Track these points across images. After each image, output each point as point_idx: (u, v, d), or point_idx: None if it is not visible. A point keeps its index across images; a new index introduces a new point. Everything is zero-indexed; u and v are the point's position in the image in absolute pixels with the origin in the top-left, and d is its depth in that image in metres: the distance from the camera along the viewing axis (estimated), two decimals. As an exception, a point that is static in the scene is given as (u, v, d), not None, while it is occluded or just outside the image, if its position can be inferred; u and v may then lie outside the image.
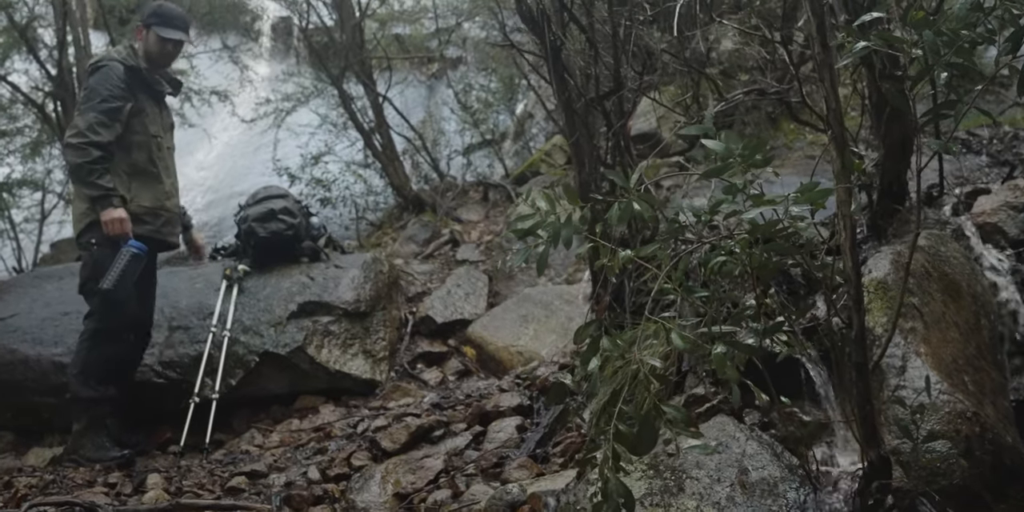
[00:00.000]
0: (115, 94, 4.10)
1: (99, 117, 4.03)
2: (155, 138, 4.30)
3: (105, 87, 4.09)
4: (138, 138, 4.21)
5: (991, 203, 3.84)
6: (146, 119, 4.25)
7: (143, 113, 4.24)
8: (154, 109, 4.35)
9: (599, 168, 4.10)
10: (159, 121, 4.37)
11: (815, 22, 1.81)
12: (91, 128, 4.01)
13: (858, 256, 1.95)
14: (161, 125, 4.39)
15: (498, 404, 3.79)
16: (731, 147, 1.67)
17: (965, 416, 2.30)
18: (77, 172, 4.05)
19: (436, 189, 9.12)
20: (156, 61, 4.35)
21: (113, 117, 4.08)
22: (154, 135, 4.29)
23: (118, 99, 4.10)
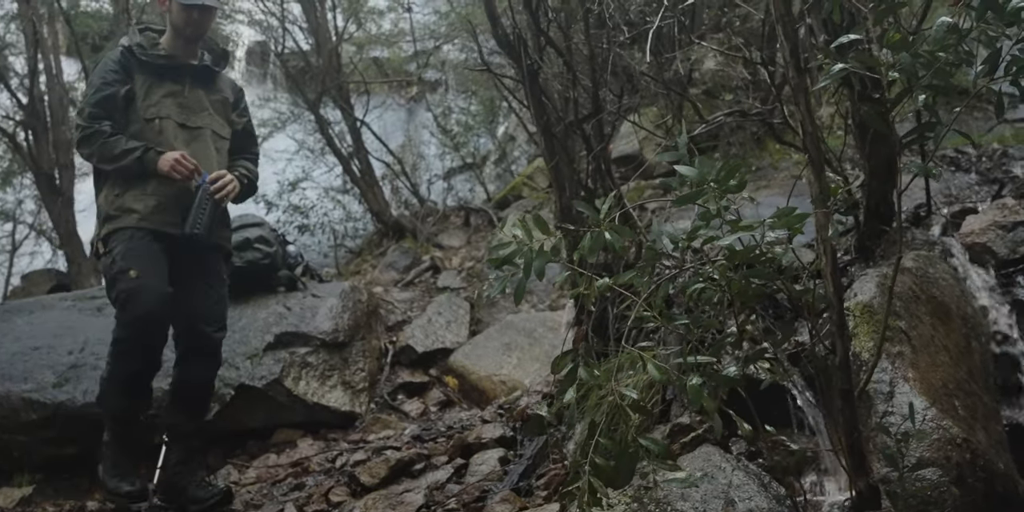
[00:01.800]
0: (107, 80, 3.77)
1: (92, 109, 3.71)
2: (153, 121, 3.77)
3: (99, 76, 3.82)
4: (133, 128, 3.76)
5: (979, 223, 3.86)
6: (142, 103, 3.78)
7: (140, 98, 3.78)
8: (164, 88, 3.83)
9: (580, 193, 4.11)
10: (174, 100, 3.83)
11: (789, 46, 1.83)
12: (88, 119, 3.70)
13: (840, 281, 1.95)
14: (179, 104, 3.84)
15: (480, 436, 3.77)
16: (704, 173, 1.67)
17: (955, 442, 2.30)
18: (100, 158, 3.70)
19: (416, 214, 9.13)
20: (184, 33, 3.87)
21: (107, 105, 3.73)
22: (150, 118, 3.77)
23: (110, 85, 3.77)
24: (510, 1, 3.67)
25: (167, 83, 3.84)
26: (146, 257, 3.63)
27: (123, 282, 3.56)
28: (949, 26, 1.88)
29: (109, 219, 3.72)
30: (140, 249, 3.64)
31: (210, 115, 3.92)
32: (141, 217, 3.67)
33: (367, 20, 10.98)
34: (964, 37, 1.87)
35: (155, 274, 3.61)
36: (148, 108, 3.78)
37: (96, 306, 5.39)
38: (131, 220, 3.68)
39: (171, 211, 3.71)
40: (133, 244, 3.65)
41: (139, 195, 3.70)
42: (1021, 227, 3.71)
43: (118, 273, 3.59)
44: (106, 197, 3.79)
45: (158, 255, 3.68)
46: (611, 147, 5.69)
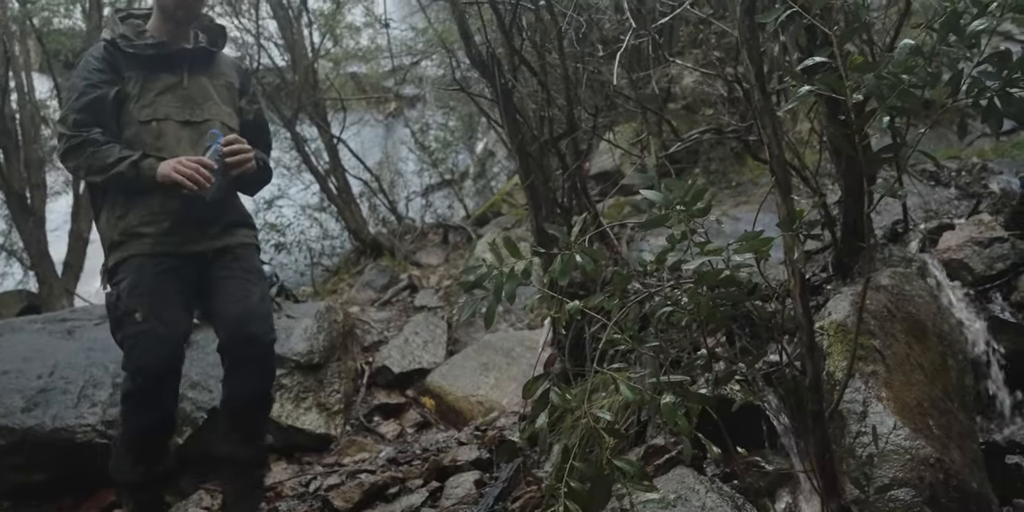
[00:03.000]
0: (92, 81, 3.28)
1: (77, 115, 3.24)
2: (150, 123, 3.30)
3: (81, 77, 3.32)
4: (127, 133, 3.30)
5: (956, 239, 3.91)
6: (135, 104, 3.31)
7: (132, 98, 3.32)
8: (160, 82, 3.36)
9: (556, 211, 4.14)
10: (173, 95, 3.37)
11: (753, 69, 1.87)
12: (73, 127, 3.24)
13: (808, 302, 1.98)
14: (180, 97, 3.37)
15: (455, 458, 3.77)
16: (670, 197, 1.70)
17: (928, 462, 2.33)
18: (90, 169, 3.24)
19: (394, 232, 9.15)
20: (175, 16, 3.38)
21: (95, 110, 3.26)
22: (147, 120, 3.30)
23: (96, 87, 3.27)
24: (483, 20, 3.70)
25: (162, 75, 3.36)
26: (157, 292, 3.17)
27: (128, 326, 3.13)
28: (912, 48, 1.93)
29: (115, 246, 3.28)
30: (150, 283, 3.18)
31: (216, 105, 3.44)
32: (156, 242, 3.23)
33: (344, 36, 11.02)
34: (929, 59, 1.92)
35: (166, 315, 3.15)
36: (143, 109, 3.30)
37: (67, 329, 5.36)
38: (144, 246, 3.23)
39: (189, 227, 3.28)
40: (143, 276, 3.19)
41: (147, 215, 3.24)
42: (997, 243, 3.76)
43: (123, 314, 3.16)
44: (107, 220, 3.33)
45: (173, 286, 3.23)
46: (587, 165, 5.74)
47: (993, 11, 1.78)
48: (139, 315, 3.12)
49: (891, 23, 3.70)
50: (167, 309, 3.18)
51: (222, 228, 3.40)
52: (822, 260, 4.36)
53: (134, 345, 3.14)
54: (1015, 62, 1.76)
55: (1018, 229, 3.79)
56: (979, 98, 1.80)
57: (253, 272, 3.44)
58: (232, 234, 3.44)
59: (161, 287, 3.20)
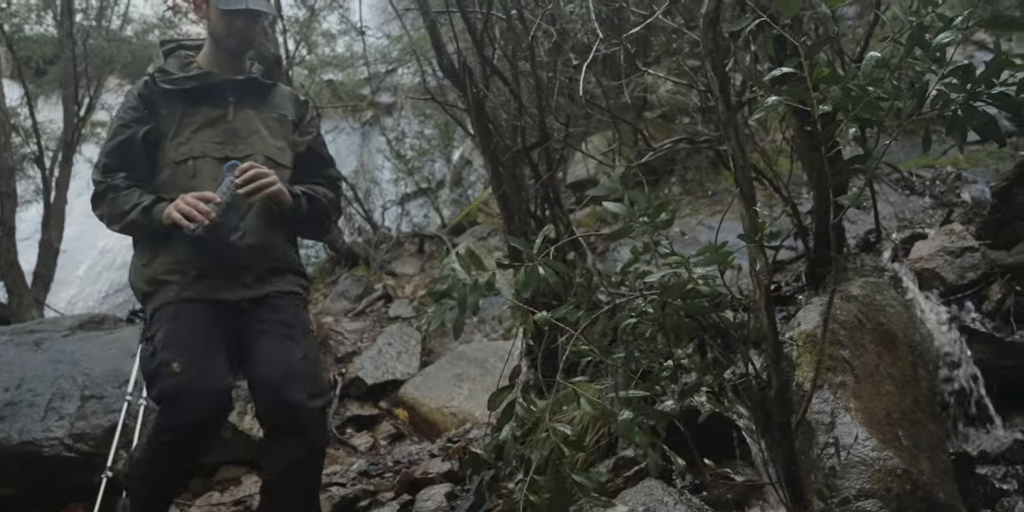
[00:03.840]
0: (125, 121, 3.08)
1: (106, 159, 3.08)
2: (186, 163, 3.04)
3: (117, 118, 3.16)
4: (162, 176, 3.06)
5: (928, 248, 3.94)
6: (171, 142, 3.06)
7: (168, 136, 3.07)
8: (200, 116, 3.09)
9: (529, 222, 4.15)
10: (214, 130, 3.09)
11: (717, 80, 1.88)
12: (102, 172, 3.07)
13: (774, 313, 1.99)
14: (222, 132, 3.09)
15: (427, 470, 3.76)
16: (633, 209, 1.71)
17: (896, 473, 2.35)
18: (110, 218, 3.05)
19: (369, 241, 9.13)
20: (227, 46, 3.13)
21: (124, 153, 3.06)
22: (182, 159, 3.04)
23: (127, 127, 3.07)
24: (454, 29, 3.71)
25: (204, 109, 3.10)
26: (193, 343, 2.85)
27: (164, 379, 2.78)
28: (878, 60, 1.95)
29: (147, 298, 3.02)
30: (185, 331, 2.87)
31: (262, 139, 3.12)
32: (182, 288, 2.94)
33: (320, 44, 11.01)
34: (893, 71, 1.94)
35: (206, 366, 2.81)
36: (179, 147, 3.05)
37: (34, 341, 5.31)
38: (171, 294, 2.94)
39: (220, 275, 2.97)
40: (177, 324, 2.88)
41: (171, 263, 2.97)
42: (969, 252, 3.80)
43: (158, 367, 2.81)
44: (135, 268, 3.08)
45: (211, 333, 2.90)
46: (560, 175, 5.75)
47: (958, 25, 1.80)
48: (176, 365, 2.77)
49: (862, 34, 3.75)
50: (207, 359, 2.84)
51: (258, 276, 3.04)
52: (795, 270, 4.39)
53: (172, 401, 2.77)
54: (979, 75, 1.78)
55: (989, 238, 3.83)
56: (944, 111, 1.82)
57: (295, 326, 3.05)
58: (273, 282, 3.07)
59: (199, 335, 2.87)
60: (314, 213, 3.14)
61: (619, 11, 4.34)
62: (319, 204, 3.16)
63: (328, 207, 3.23)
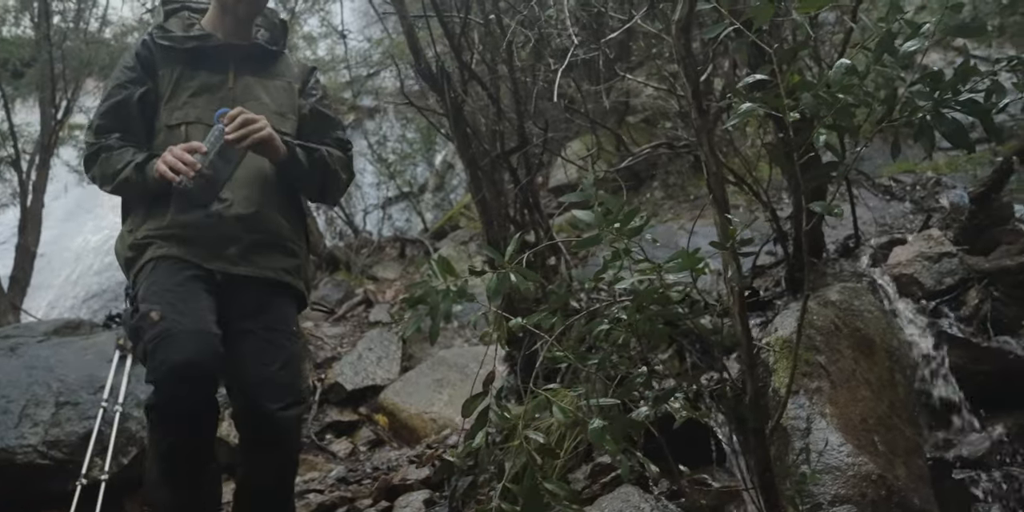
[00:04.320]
0: (120, 82, 2.91)
1: (100, 120, 2.90)
2: (178, 128, 2.85)
3: (113, 79, 2.97)
4: (157, 140, 2.88)
5: (906, 254, 3.98)
6: (165, 105, 2.89)
7: (164, 98, 2.90)
8: (197, 81, 2.91)
9: (509, 227, 4.16)
10: (212, 96, 2.90)
11: (690, 87, 1.89)
12: (95, 134, 2.90)
13: (747, 319, 2.01)
14: (220, 100, 2.89)
15: (405, 477, 3.76)
16: (603, 217, 1.72)
17: (871, 479, 2.37)
18: (102, 178, 2.87)
19: (351, 246, 9.13)
20: (236, 10, 2.93)
21: (119, 114, 2.88)
22: (175, 124, 2.86)
23: (123, 87, 2.89)
24: (432, 34, 3.72)
25: (202, 73, 2.92)
26: (174, 290, 2.67)
27: (146, 330, 2.58)
28: (848, 67, 1.96)
29: (129, 264, 2.84)
30: (165, 281, 2.69)
31: (261, 105, 2.89)
32: (160, 248, 2.77)
33: (301, 46, 11.00)
34: (863, 79, 1.96)
35: (188, 311, 2.62)
36: (173, 111, 2.88)
37: (9, 346, 5.28)
38: (149, 253, 2.77)
39: (199, 244, 2.77)
40: (155, 276, 2.71)
41: (155, 229, 2.79)
42: (946, 258, 3.83)
43: (139, 320, 2.62)
44: (121, 238, 2.91)
45: (193, 285, 2.70)
46: (540, 179, 5.77)
47: (925, 33, 1.82)
48: (155, 313, 2.58)
49: (840, 40, 3.77)
50: (190, 303, 2.64)
51: (241, 250, 2.81)
52: (775, 275, 4.42)
53: (155, 348, 2.55)
54: (946, 82, 1.80)
55: (967, 244, 3.87)
56: (912, 117, 1.84)
57: (280, 330, 2.84)
58: (255, 262, 2.82)
59: (181, 283, 2.69)
60: (315, 168, 2.89)
61: (599, 16, 4.36)
62: (321, 159, 2.89)
63: (334, 164, 2.94)
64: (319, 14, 11.22)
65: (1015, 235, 3.74)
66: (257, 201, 2.84)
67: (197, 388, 2.56)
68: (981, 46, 7.09)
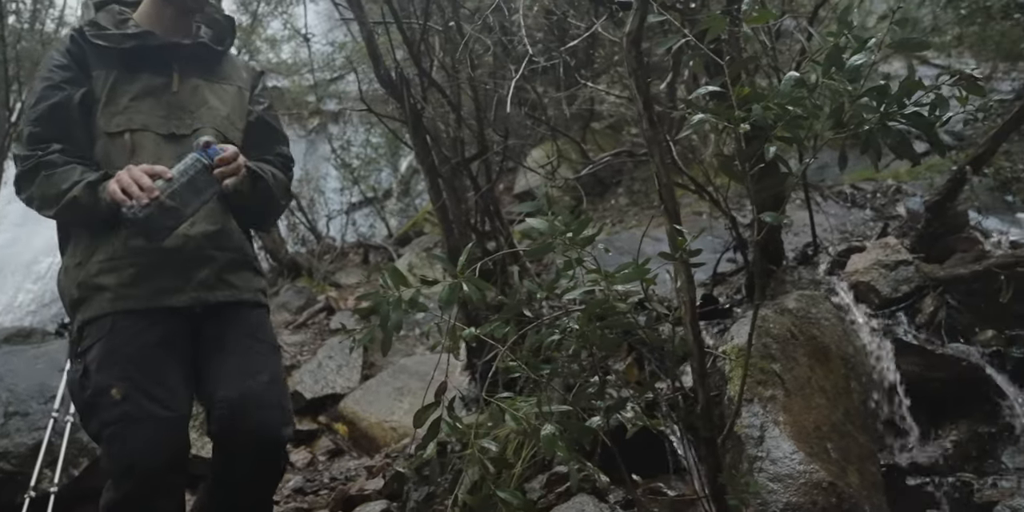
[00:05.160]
0: (53, 82, 2.51)
1: (31, 128, 2.49)
2: (121, 136, 2.50)
3: (40, 79, 2.58)
4: (96, 149, 2.52)
5: (864, 261, 4.05)
6: (103, 110, 2.52)
7: (101, 102, 2.53)
8: (138, 84, 2.56)
9: (470, 234, 4.19)
10: (156, 101, 2.57)
11: (641, 98, 1.93)
12: (29, 144, 2.48)
13: (699, 328, 2.04)
14: (165, 105, 2.57)
15: (363, 487, 3.76)
16: (555, 226, 1.75)
17: (822, 486, 2.41)
18: (42, 201, 2.44)
19: (313, 252, 9.10)
20: (182, 2, 2.62)
21: (56, 119, 2.49)
22: (116, 132, 2.50)
23: (58, 89, 2.50)
24: (390, 39, 3.74)
25: (143, 75, 2.57)
26: (139, 360, 2.33)
27: (105, 409, 2.28)
28: (796, 80, 2.01)
29: (76, 306, 2.46)
30: (128, 346, 2.34)
31: (211, 111, 2.63)
32: (116, 296, 2.39)
33: (263, 50, 10.96)
34: (812, 91, 2.00)
35: (157, 390, 2.30)
36: (113, 117, 2.52)
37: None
38: (103, 302, 2.39)
39: (164, 273, 2.43)
40: (115, 342, 2.34)
41: (106, 262, 2.42)
42: (903, 266, 3.91)
43: (95, 395, 2.30)
44: (65, 270, 2.52)
45: (161, 352, 2.38)
46: (500, 187, 5.80)
47: (871, 47, 1.87)
48: (116, 391, 2.27)
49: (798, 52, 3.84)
50: (159, 381, 2.33)
51: (216, 272, 2.52)
52: (735, 282, 4.48)
53: (115, 436, 2.27)
54: (892, 96, 1.85)
55: (923, 252, 3.95)
56: (858, 130, 1.88)
57: (262, 340, 2.58)
58: (230, 283, 2.54)
59: (147, 352, 2.35)
60: (260, 196, 2.60)
61: (561, 23, 4.40)
62: (266, 189, 2.60)
63: (277, 190, 2.65)
64: (282, 17, 11.19)
65: (970, 243, 3.83)
66: (220, 216, 2.56)
67: (163, 483, 2.28)
68: (941, 56, 7.21)
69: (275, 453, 2.47)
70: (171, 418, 2.28)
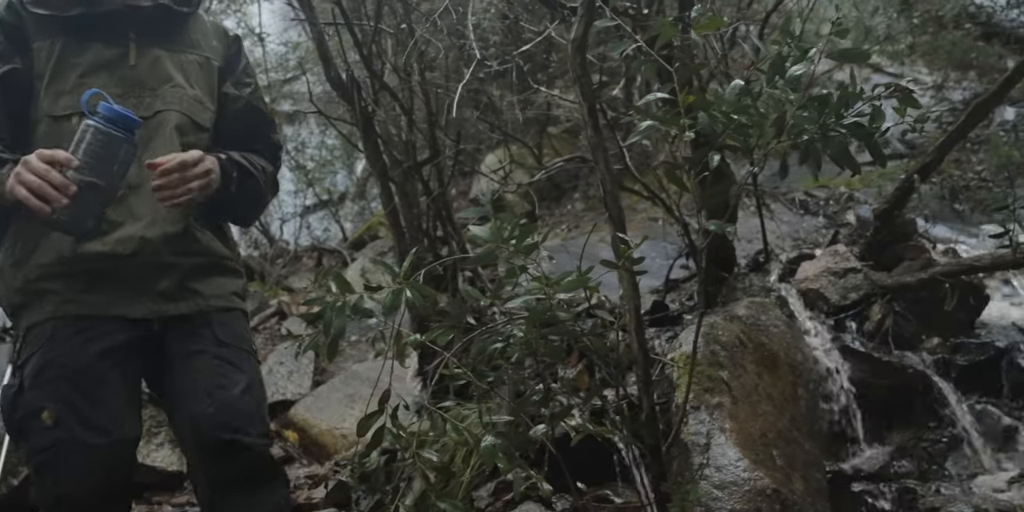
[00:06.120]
0: None
1: None
2: (68, 119, 2.08)
3: None
4: (36, 135, 2.11)
5: (814, 269, 4.11)
6: (46, 89, 2.12)
7: (44, 79, 2.12)
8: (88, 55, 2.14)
9: (422, 239, 4.19)
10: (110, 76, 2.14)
11: (586, 105, 1.94)
12: None
13: (644, 336, 2.06)
14: (120, 80, 2.14)
15: (311, 496, 3.74)
16: (498, 233, 1.76)
17: (766, 494, 2.44)
18: None
19: (266, 256, 9.03)
20: None
21: None
22: (63, 114, 2.09)
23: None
24: (341, 41, 3.73)
25: (94, 46, 2.15)
26: (77, 377, 2.02)
27: (35, 434, 2.02)
28: (741, 89, 2.04)
29: (16, 312, 2.15)
30: (67, 360, 2.03)
31: (178, 90, 2.21)
32: (63, 300, 2.07)
33: (216, 49, 10.84)
34: (756, 100, 2.03)
35: (94, 411, 2.02)
36: (59, 97, 2.11)
37: None
38: (48, 307, 2.07)
39: (118, 282, 2.09)
40: (52, 353, 2.04)
41: (52, 264, 2.07)
42: (851, 273, 3.97)
43: (26, 417, 2.03)
44: (1, 271, 2.16)
45: (103, 365, 2.06)
46: (453, 191, 5.80)
47: (812, 57, 1.91)
48: (47, 415, 2.00)
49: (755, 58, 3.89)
50: (97, 402, 2.03)
51: (181, 279, 2.17)
52: (688, 289, 4.52)
53: (45, 464, 2.02)
54: (831, 106, 1.88)
55: (872, 259, 4.01)
56: (799, 138, 1.91)
57: (236, 345, 2.24)
58: (196, 292, 2.19)
59: (87, 367, 2.04)
60: (246, 194, 2.25)
61: (514, 27, 4.42)
62: (254, 183, 2.25)
63: (265, 185, 2.33)
64: (236, 15, 11.09)
65: (917, 251, 3.90)
66: (181, 214, 2.16)
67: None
68: (894, 64, 7.34)
69: (264, 469, 2.19)
70: (108, 445, 2.01)
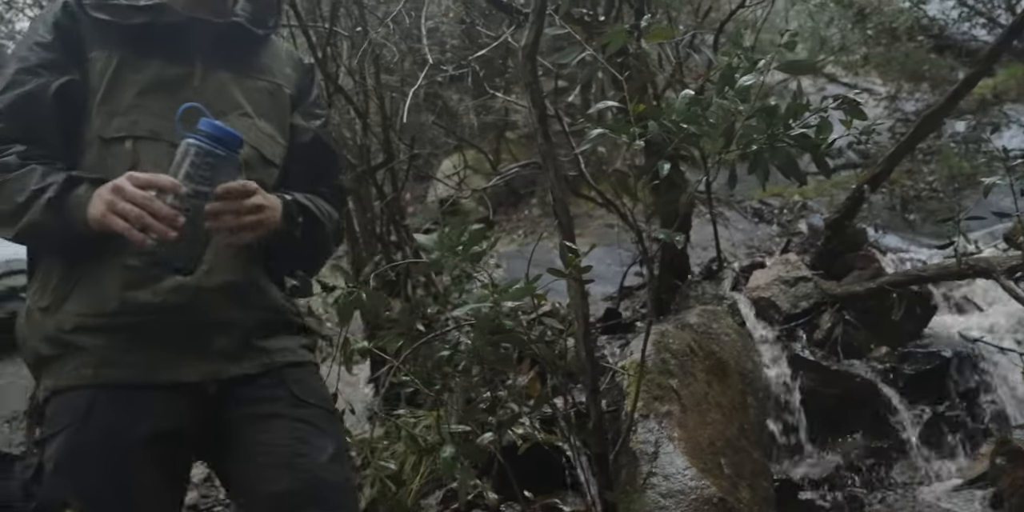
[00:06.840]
0: (29, 65, 1.80)
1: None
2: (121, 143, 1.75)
3: (16, 57, 1.87)
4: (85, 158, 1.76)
5: (765, 277, 4.14)
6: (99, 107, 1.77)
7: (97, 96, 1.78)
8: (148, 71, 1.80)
9: (376, 244, 4.17)
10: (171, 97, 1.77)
11: (536, 112, 1.95)
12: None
13: (592, 345, 2.07)
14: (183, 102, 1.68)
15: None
16: (444, 240, 1.76)
17: (712, 502, 2.45)
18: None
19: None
20: None
21: (26, 113, 1.75)
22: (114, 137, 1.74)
23: (33, 74, 1.78)
24: (296, 43, 3.71)
25: (155, 61, 1.84)
26: (109, 469, 1.66)
27: None
28: (691, 98, 2.05)
29: (41, 366, 1.72)
30: (102, 444, 1.66)
31: (244, 119, 1.86)
32: (102, 361, 1.67)
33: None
34: (705, 110, 2.05)
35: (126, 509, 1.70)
36: (111, 118, 1.78)
37: None
38: (86, 371, 1.68)
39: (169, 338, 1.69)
40: (88, 435, 1.66)
41: (90, 312, 1.68)
42: (802, 282, 4.01)
43: (43, 507, 1.97)
44: (28, 314, 1.76)
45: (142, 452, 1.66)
46: (408, 195, 5.78)
47: (760, 68, 1.93)
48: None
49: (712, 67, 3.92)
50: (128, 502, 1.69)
51: (243, 336, 1.79)
52: (642, 296, 4.54)
53: None
54: (779, 117, 1.90)
55: (822, 268, 4.06)
56: (747, 148, 1.93)
57: (317, 404, 1.83)
58: (265, 349, 1.82)
59: (127, 457, 1.67)
60: (311, 241, 1.91)
61: (470, 31, 4.42)
62: (320, 229, 1.91)
63: (332, 234, 2.00)
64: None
65: (867, 260, 3.95)
66: (244, 262, 1.82)
67: None
68: (848, 74, 7.45)
69: None
70: None
